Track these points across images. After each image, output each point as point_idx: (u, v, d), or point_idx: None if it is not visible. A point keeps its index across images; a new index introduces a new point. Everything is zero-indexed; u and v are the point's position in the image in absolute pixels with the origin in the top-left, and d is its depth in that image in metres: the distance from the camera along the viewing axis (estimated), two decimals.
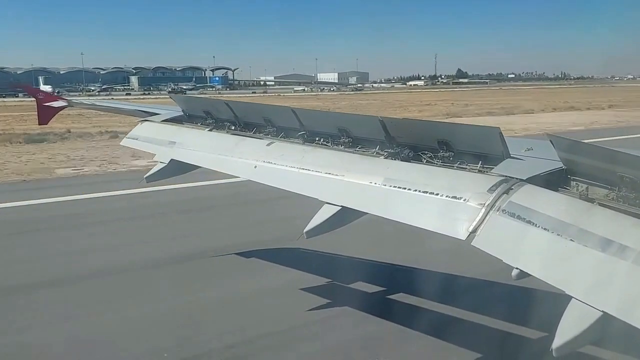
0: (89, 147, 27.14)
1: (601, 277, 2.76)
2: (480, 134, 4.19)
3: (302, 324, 7.39)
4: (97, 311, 7.96)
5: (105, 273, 9.47)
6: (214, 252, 10.34)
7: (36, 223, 12.81)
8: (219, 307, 8.04)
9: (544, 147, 3.85)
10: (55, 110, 10.11)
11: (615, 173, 3.11)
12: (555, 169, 3.62)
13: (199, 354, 6.64)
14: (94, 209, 14.32)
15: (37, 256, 10.41)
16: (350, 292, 8.33)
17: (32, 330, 7.36)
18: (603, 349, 5.03)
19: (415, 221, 3.80)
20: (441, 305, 7.64)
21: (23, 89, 28.53)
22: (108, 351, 6.78)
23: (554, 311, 2.89)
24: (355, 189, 4.36)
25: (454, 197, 3.66)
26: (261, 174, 5.29)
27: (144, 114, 8.07)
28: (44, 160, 22.82)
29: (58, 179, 19.00)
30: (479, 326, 7.07)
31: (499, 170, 3.77)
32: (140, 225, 12.91)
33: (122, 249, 10.89)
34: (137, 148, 7.40)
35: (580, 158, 3.54)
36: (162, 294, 8.49)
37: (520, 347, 6.54)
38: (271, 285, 8.74)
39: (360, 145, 4.95)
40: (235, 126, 6.41)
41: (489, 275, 7.84)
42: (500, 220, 3.32)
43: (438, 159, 4.23)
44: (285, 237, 9.84)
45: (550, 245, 3.02)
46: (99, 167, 21.25)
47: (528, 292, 6.50)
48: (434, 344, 6.71)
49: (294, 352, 6.75)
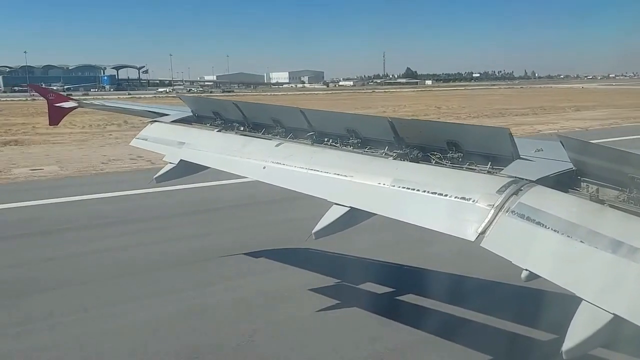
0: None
1: (612, 279, 2.74)
2: (490, 134, 4.18)
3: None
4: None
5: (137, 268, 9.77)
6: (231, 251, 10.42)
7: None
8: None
9: (554, 148, 3.82)
10: (65, 111, 10.21)
11: (626, 174, 3.09)
12: (565, 170, 3.60)
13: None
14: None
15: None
16: (359, 292, 8.33)
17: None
18: (614, 352, 4.98)
19: (424, 222, 3.79)
20: (449, 306, 7.60)
21: (33, 89, 28.71)
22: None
23: (564, 313, 2.87)
24: (364, 189, 4.36)
25: (463, 198, 3.65)
26: (270, 174, 5.31)
27: (153, 115, 8.14)
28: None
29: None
30: (487, 327, 7.03)
31: (508, 171, 3.76)
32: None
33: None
34: (147, 148, 7.44)
35: (591, 159, 3.51)
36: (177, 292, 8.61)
37: (529, 349, 6.50)
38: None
39: (368, 146, 4.95)
40: (244, 127, 6.44)
41: (497, 276, 7.79)
42: (510, 222, 3.30)
43: (447, 159, 4.22)
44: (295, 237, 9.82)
45: (560, 247, 3.00)
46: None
47: (537, 293, 6.45)
48: (443, 345, 6.69)
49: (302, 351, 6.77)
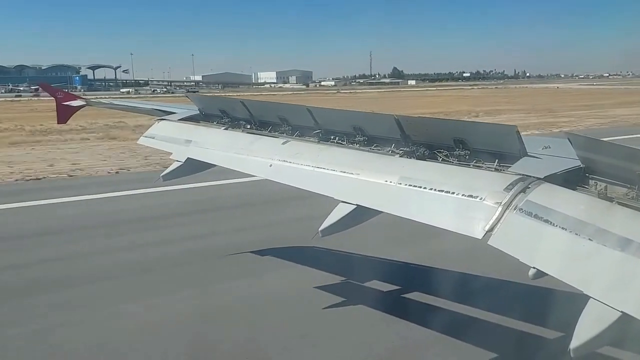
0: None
1: (620, 277, 2.73)
2: (497, 132, 4.17)
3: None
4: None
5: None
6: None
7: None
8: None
9: (562, 145, 3.80)
10: (74, 110, 10.24)
11: (634, 172, 3.07)
12: (573, 168, 3.58)
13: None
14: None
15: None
16: (365, 290, 8.34)
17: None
18: (622, 350, 4.95)
19: (431, 220, 3.78)
20: (455, 304, 7.59)
21: (42, 88, 28.77)
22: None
23: (572, 311, 2.86)
24: (371, 187, 4.35)
25: (470, 196, 3.63)
26: (276, 172, 5.31)
27: (161, 113, 8.15)
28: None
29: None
30: (494, 325, 7.01)
31: (515, 168, 3.74)
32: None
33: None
34: (154, 147, 7.46)
35: (599, 156, 3.49)
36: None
37: (537, 347, 6.48)
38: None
39: (375, 144, 4.94)
40: (251, 125, 6.44)
41: (504, 274, 7.76)
42: (517, 219, 3.29)
43: (454, 157, 4.21)
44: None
45: (568, 245, 2.99)
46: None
47: (545, 291, 6.42)
48: (450, 343, 6.68)
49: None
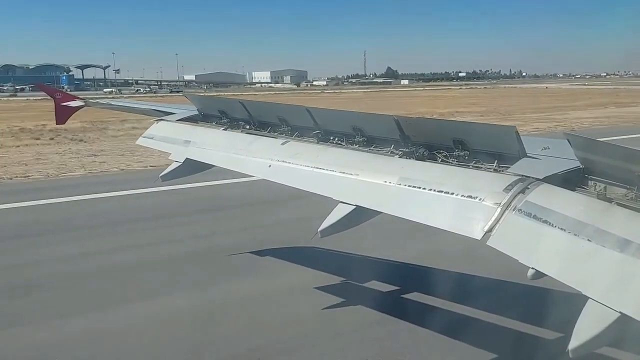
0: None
1: (619, 278, 2.73)
2: (496, 132, 4.17)
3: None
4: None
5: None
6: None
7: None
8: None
9: (561, 146, 3.80)
10: (72, 110, 10.23)
11: (633, 172, 3.07)
12: (573, 168, 3.58)
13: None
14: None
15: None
16: (364, 290, 8.34)
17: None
18: (620, 351, 4.96)
19: (430, 221, 3.78)
20: (453, 304, 7.60)
21: (39, 88, 28.71)
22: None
23: (570, 312, 2.86)
24: (370, 188, 4.35)
25: (469, 197, 3.64)
26: (275, 173, 5.30)
27: (159, 114, 8.14)
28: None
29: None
30: (494, 326, 7.02)
31: (515, 169, 3.74)
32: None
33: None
34: (153, 147, 7.45)
35: (598, 157, 3.49)
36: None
37: (535, 348, 6.48)
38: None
39: (374, 144, 4.94)
40: (250, 125, 6.44)
41: (503, 275, 7.77)
42: (516, 220, 3.29)
43: (453, 158, 4.20)
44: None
45: (567, 246, 2.99)
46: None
47: (544, 292, 6.43)
48: (449, 344, 6.68)
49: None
